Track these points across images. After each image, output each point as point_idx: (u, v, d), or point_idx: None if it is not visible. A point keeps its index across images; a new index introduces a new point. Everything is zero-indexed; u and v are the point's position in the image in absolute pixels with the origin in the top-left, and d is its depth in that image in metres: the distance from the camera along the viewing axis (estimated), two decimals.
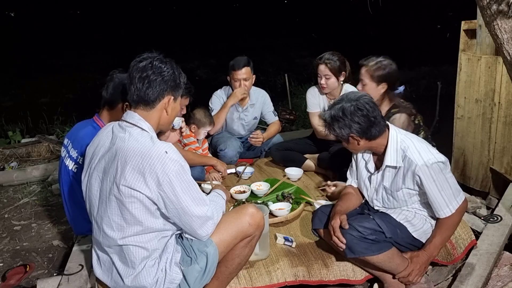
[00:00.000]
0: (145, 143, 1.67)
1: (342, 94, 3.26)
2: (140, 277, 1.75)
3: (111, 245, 1.77)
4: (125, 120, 1.77)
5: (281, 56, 11.03)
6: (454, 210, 2.08)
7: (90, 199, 1.83)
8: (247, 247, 1.95)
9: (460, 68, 3.11)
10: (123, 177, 1.64)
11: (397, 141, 2.12)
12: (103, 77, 2.50)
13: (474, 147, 3.09)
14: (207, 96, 3.71)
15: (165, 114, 1.81)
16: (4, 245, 2.97)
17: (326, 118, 2.14)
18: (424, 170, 2.03)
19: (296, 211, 2.63)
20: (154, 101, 1.75)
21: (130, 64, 1.78)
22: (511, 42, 1.94)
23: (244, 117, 3.71)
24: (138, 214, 1.68)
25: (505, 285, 2.13)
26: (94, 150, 1.83)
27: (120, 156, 1.67)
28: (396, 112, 2.64)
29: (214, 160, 3.26)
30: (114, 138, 1.75)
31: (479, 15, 2.78)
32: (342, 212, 2.18)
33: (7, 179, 3.99)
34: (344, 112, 2.07)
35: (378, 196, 2.27)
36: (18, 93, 8.64)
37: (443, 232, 2.14)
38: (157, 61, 1.75)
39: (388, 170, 2.17)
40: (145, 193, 1.65)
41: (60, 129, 5.28)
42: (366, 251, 2.06)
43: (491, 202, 2.95)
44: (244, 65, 3.44)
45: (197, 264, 1.80)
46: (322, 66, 3.19)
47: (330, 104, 2.20)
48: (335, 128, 2.11)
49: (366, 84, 2.72)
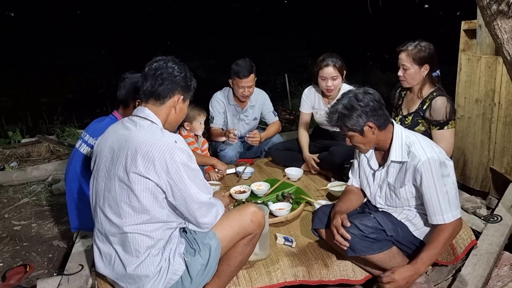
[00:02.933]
0: (156, 133, 1.77)
1: (340, 94, 3.29)
2: (144, 265, 1.78)
3: (116, 233, 1.80)
4: (136, 115, 1.87)
5: (281, 56, 11.02)
6: (447, 220, 2.01)
7: (97, 189, 1.88)
8: (249, 245, 1.99)
9: (460, 68, 3.11)
10: (133, 165, 1.72)
11: (402, 136, 2.11)
12: (103, 77, 2.53)
13: (474, 147, 3.09)
14: (207, 96, 3.71)
15: (173, 112, 1.91)
16: (4, 245, 2.98)
17: (340, 110, 2.06)
18: (426, 166, 2.00)
19: (296, 211, 2.63)
20: (164, 98, 1.87)
21: (146, 64, 1.91)
22: (511, 42, 1.94)
23: (244, 118, 3.72)
24: (146, 202, 1.75)
25: (505, 285, 2.13)
26: (103, 142, 1.90)
27: (131, 145, 1.75)
28: (439, 95, 2.60)
29: (214, 160, 3.27)
30: (123, 130, 1.83)
31: (479, 15, 2.78)
32: (343, 212, 2.18)
33: (7, 179, 3.99)
34: (359, 99, 2.03)
35: (382, 193, 2.26)
36: (18, 93, 8.63)
37: (432, 248, 2.02)
38: (171, 62, 1.90)
39: (393, 166, 2.15)
40: (155, 180, 1.73)
41: (60, 129, 5.28)
42: (367, 250, 2.06)
43: (491, 202, 2.95)
44: (249, 73, 3.41)
45: (200, 257, 1.84)
46: (330, 68, 3.16)
47: (334, 102, 2.16)
48: (352, 117, 2.04)
49: (409, 68, 2.62)
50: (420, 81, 2.66)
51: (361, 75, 7.53)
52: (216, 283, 1.96)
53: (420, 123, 2.67)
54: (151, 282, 1.79)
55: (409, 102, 2.77)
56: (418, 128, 2.67)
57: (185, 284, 1.84)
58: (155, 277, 1.79)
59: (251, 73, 3.43)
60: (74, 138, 4.98)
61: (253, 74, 3.45)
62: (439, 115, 2.56)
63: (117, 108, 2.63)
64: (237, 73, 3.41)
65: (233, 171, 3.37)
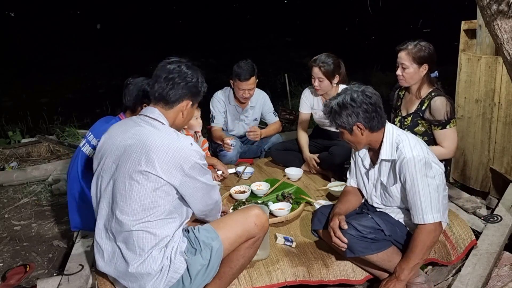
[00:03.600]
0: (171, 136, 1.80)
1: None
2: (146, 263, 1.77)
3: (122, 230, 1.79)
4: (145, 115, 1.87)
5: (281, 56, 11.02)
6: (427, 221, 1.99)
7: (101, 186, 1.87)
8: (251, 248, 1.98)
9: (460, 68, 3.11)
10: (148, 165, 1.73)
11: (392, 135, 2.12)
12: (103, 77, 2.54)
13: (474, 147, 3.09)
14: (207, 96, 3.70)
15: (180, 116, 1.93)
16: (4, 245, 2.97)
17: (333, 106, 2.09)
18: (410, 164, 2.00)
19: (296, 211, 2.63)
20: (174, 102, 1.88)
21: (159, 64, 1.91)
22: (511, 42, 1.94)
23: (245, 119, 3.72)
24: (156, 199, 1.77)
25: (505, 285, 2.13)
26: (110, 140, 1.89)
27: (146, 145, 1.76)
28: (437, 95, 2.60)
29: (214, 160, 3.27)
30: (136, 128, 1.83)
31: (479, 15, 2.78)
32: (341, 213, 2.18)
33: (7, 179, 3.99)
34: (353, 98, 2.04)
35: (377, 192, 2.26)
36: (18, 93, 8.63)
37: (410, 253, 2.04)
38: (185, 66, 1.89)
39: (384, 165, 2.16)
40: (169, 181, 1.77)
41: (60, 129, 5.28)
42: (366, 250, 2.06)
43: (491, 202, 2.95)
44: (250, 76, 3.41)
45: (201, 256, 1.83)
46: (316, 69, 3.16)
47: (332, 96, 2.16)
48: (342, 115, 2.06)
49: (408, 67, 2.62)
50: (418, 80, 2.66)
51: (361, 75, 7.53)
52: (217, 284, 1.96)
53: (420, 124, 2.67)
54: (152, 281, 1.78)
55: (408, 103, 2.77)
56: (418, 128, 2.67)
57: (185, 284, 1.83)
58: (156, 275, 1.78)
59: (252, 76, 3.42)
60: (74, 138, 4.97)
61: (254, 77, 3.44)
62: (440, 114, 2.56)
63: (124, 111, 2.64)
64: (238, 76, 3.40)
65: (233, 171, 3.37)
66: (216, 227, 1.91)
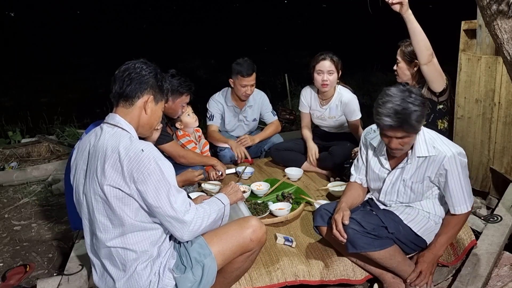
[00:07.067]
0: (123, 141, 1.69)
1: (335, 95, 3.29)
2: (132, 279, 1.73)
3: (101, 247, 1.75)
4: (107, 122, 1.80)
5: (281, 56, 11.02)
6: (470, 207, 2.13)
7: (79, 203, 1.82)
8: (246, 262, 1.95)
9: (460, 68, 3.11)
10: (103, 176, 1.65)
11: (424, 133, 2.13)
12: (102, 77, 2.53)
13: (474, 147, 3.09)
14: (207, 96, 3.71)
15: (144, 114, 1.82)
16: (4, 245, 2.98)
17: (412, 108, 1.92)
18: (452, 162, 2.05)
19: (296, 211, 2.63)
20: (133, 98, 1.79)
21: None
22: (511, 42, 1.94)
23: (243, 119, 3.72)
24: (121, 213, 1.67)
25: (505, 285, 2.13)
26: (78, 154, 1.83)
27: (100, 155, 1.68)
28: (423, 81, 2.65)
29: (214, 160, 3.26)
30: (95, 140, 1.76)
31: (479, 15, 2.78)
32: (346, 208, 2.17)
33: (7, 179, 3.99)
34: (414, 96, 1.95)
35: (394, 189, 2.23)
36: (18, 93, 8.63)
37: (450, 229, 2.17)
38: (140, 63, 1.83)
39: (411, 162, 2.15)
40: (125, 190, 1.66)
41: (60, 129, 5.28)
42: (368, 247, 2.05)
43: (491, 202, 2.96)
44: (252, 71, 3.43)
45: (192, 274, 1.77)
46: (327, 62, 3.17)
47: (382, 101, 1.97)
48: (424, 114, 1.98)
49: (400, 62, 2.76)
50: (409, 78, 2.75)
51: (361, 75, 7.53)
52: None
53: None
54: None
55: None
56: None
57: None
58: None
59: (254, 71, 3.45)
60: (74, 138, 4.97)
61: (255, 72, 3.47)
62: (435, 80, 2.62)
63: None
64: (240, 72, 3.40)
65: (233, 171, 3.36)
66: (210, 241, 1.83)
